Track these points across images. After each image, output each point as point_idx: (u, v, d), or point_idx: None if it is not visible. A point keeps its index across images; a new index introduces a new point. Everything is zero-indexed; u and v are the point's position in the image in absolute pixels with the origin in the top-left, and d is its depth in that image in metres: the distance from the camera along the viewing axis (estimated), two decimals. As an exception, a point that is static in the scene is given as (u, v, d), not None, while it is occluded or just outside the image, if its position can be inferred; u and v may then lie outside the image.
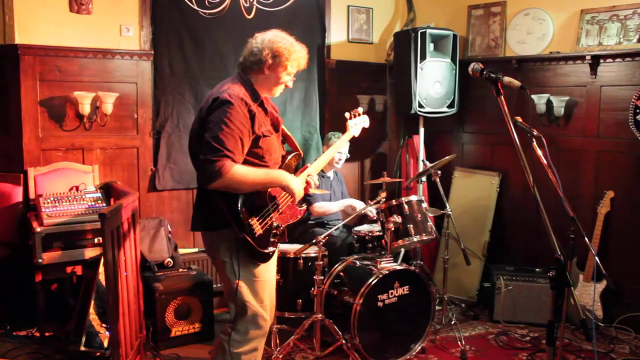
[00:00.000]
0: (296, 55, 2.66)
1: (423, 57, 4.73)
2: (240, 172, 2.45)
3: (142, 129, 4.38)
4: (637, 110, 4.12)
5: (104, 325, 3.41)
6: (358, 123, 3.23)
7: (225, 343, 2.68)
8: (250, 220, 2.55)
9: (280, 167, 2.76)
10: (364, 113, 3.28)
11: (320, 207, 4.36)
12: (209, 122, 2.49)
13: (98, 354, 3.35)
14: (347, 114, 3.21)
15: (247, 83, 2.64)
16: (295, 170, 2.89)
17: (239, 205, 2.52)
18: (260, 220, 2.60)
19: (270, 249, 2.67)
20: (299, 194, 2.72)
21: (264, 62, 2.60)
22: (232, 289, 2.62)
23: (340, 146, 3.36)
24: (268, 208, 2.65)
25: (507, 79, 2.21)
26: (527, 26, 4.78)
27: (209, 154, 2.43)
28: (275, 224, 2.69)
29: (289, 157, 2.83)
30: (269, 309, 2.73)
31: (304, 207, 2.92)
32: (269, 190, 2.67)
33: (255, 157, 2.59)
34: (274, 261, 2.80)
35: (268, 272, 2.72)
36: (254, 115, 2.55)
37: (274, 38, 2.64)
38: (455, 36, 4.87)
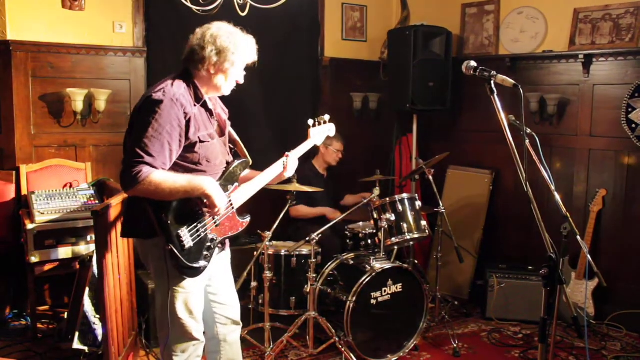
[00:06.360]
0: (242, 48, 2.43)
1: (417, 55, 4.73)
2: (158, 179, 2.22)
3: (136, 126, 4.36)
4: (629, 109, 4.15)
5: (98, 316, 3.39)
6: (322, 132, 2.95)
7: None
8: (179, 231, 2.34)
9: (223, 174, 2.53)
10: (330, 121, 3.01)
11: (297, 210, 4.36)
12: (136, 123, 2.29)
13: (91, 351, 3.35)
14: (310, 121, 2.90)
15: (189, 81, 2.40)
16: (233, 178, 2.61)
17: (169, 214, 2.31)
18: (192, 231, 2.38)
19: (202, 263, 2.42)
20: (220, 205, 2.40)
21: (207, 59, 2.38)
22: (164, 301, 2.44)
23: (299, 154, 2.85)
24: (202, 218, 2.43)
25: (500, 77, 2.21)
26: (520, 25, 4.79)
27: (128, 157, 2.23)
28: (210, 236, 2.46)
29: (235, 164, 2.58)
30: (199, 319, 2.55)
31: (247, 219, 2.64)
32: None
33: (190, 163, 2.38)
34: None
35: (199, 283, 2.51)
36: (190, 118, 2.32)
37: (217, 32, 2.40)
38: (449, 34, 4.88)
